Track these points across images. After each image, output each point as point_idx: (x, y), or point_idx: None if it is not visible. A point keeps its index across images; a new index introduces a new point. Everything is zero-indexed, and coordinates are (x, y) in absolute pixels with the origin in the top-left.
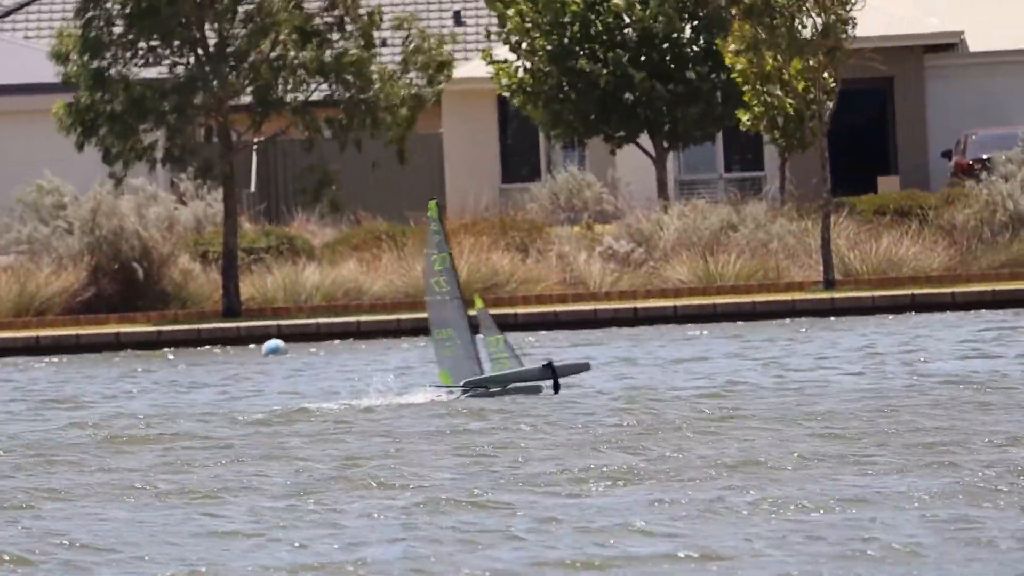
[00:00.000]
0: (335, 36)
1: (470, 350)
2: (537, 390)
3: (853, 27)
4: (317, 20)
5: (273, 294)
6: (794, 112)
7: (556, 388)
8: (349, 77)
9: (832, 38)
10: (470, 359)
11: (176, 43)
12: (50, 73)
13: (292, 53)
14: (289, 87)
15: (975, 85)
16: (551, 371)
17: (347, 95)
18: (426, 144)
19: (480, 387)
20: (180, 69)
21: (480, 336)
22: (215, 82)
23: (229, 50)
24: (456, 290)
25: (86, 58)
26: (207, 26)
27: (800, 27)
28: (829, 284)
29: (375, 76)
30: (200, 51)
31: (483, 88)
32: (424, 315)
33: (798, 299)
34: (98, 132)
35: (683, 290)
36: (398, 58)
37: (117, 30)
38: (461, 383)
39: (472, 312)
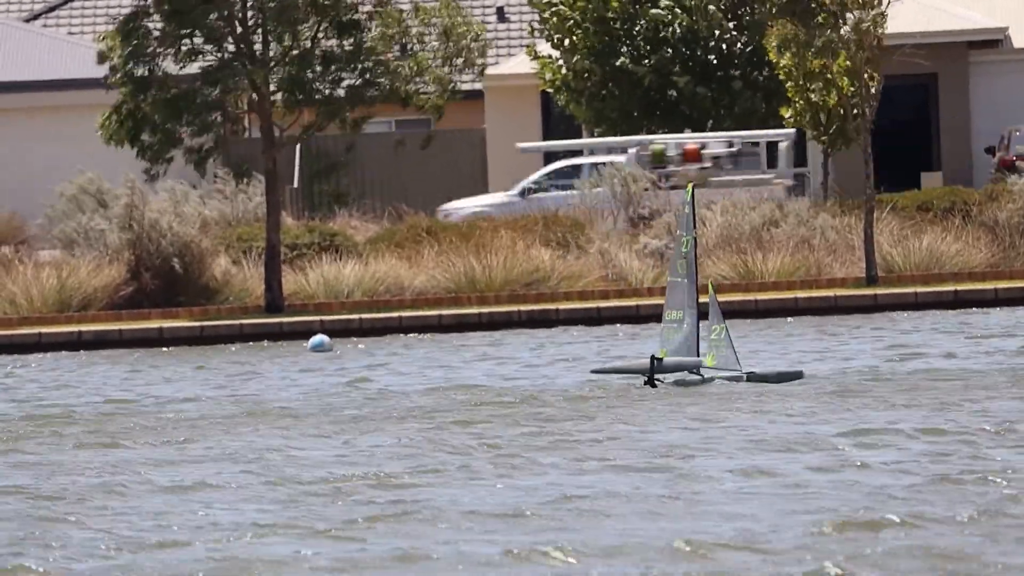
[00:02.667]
0: (367, 28)
1: (693, 336)
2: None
3: (883, 21)
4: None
5: (315, 290)
6: (837, 109)
7: (652, 382)
8: (366, 65)
9: (866, 34)
10: (691, 345)
11: (206, 41)
12: (93, 69)
13: (326, 41)
14: (320, 80)
15: (1019, 81)
16: (653, 363)
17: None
18: (470, 139)
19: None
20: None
21: (705, 322)
22: (246, 71)
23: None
24: (693, 274)
25: (129, 66)
26: (239, 21)
27: (841, 23)
28: (872, 280)
29: (392, 64)
30: (232, 47)
31: (526, 84)
32: (466, 310)
33: (840, 295)
34: (141, 137)
35: (724, 286)
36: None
37: (156, 29)
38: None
39: (703, 299)
